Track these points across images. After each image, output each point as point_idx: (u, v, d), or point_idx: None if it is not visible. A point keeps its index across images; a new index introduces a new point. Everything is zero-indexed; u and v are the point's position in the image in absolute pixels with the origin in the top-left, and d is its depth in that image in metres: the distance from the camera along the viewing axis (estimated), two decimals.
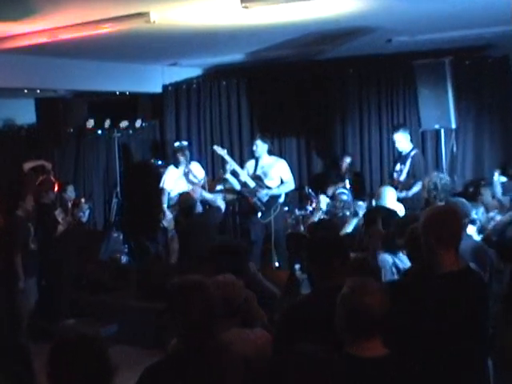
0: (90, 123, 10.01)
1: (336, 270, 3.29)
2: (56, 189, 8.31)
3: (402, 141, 8.70)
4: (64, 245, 7.92)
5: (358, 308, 2.70)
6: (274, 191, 8.67)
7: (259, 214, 8.63)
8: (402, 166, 8.57)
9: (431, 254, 3.27)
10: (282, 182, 8.73)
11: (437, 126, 8.79)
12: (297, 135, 10.88)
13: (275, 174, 8.81)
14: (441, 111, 8.54)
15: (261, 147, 8.72)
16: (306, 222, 8.83)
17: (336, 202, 8.60)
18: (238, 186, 8.78)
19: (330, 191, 9.30)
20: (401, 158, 8.74)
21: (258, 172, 8.74)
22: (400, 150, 8.75)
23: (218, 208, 8.23)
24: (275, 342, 3.30)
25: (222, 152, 8.87)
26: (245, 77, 10.82)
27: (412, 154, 8.54)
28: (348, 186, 9.30)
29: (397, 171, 8.69)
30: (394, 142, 8.89)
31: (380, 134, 10.09)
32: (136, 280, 8.23)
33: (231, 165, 8.70)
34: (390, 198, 7.17)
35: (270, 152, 8.90)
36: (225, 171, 8.69)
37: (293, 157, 10.77)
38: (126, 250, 9.82)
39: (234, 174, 8.79)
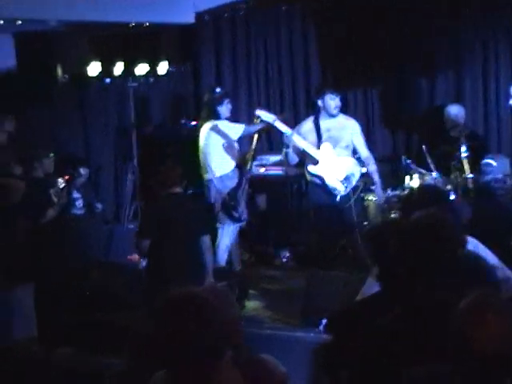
0: (94, 68, 9.90)
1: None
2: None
3: None
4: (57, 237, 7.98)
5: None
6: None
7: (338, 197, 8.49)
8: None
9: None
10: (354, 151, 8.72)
11: None
12: (385, 83, 10.62)
13: (347, 137, 8.67)
14: None
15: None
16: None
17: None
18: (295, 160, 8.69)
19: None
20: None
21: (325, 137, 8.58)
22: None
23: None
24: None
25: (270, 118, 8.60)
26: None
27: None
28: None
29: None
30: None
31: None
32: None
33: (288, 136, 8.47)
34: None
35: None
36: (288, 142, 8.53)
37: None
38: None
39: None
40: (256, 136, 8.70)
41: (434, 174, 8.80)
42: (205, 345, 2.85)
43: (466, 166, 8.45)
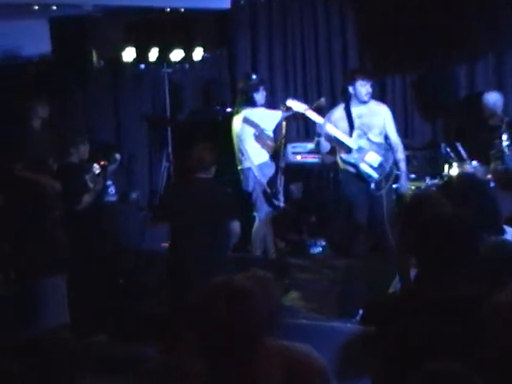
0: (129, 54, 9.97)
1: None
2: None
3: None
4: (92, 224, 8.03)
5: None
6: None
7: (372, 185, 8.40)
8: None
9: None
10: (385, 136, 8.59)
11: None
12: (424, 69, 10.52)
13: (379, 123, 8.56)
14: None
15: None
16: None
17: None
18: (327, 148, 8.60)
19: None
20: None
21: (356, 124, 8.51)
22: None
23: None
24: None
25: (301, 108, 8.50)
26: None
27: None
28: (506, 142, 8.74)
29: None
30: None
31: None
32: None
33: (320, 125, 8.37)
34: None
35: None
36: (320, 131, 8.43)
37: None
38: None
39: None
40: (284, 124, 8.64)
41: (474, 162, 8.65)
42: (244, 332, 2.86)
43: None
